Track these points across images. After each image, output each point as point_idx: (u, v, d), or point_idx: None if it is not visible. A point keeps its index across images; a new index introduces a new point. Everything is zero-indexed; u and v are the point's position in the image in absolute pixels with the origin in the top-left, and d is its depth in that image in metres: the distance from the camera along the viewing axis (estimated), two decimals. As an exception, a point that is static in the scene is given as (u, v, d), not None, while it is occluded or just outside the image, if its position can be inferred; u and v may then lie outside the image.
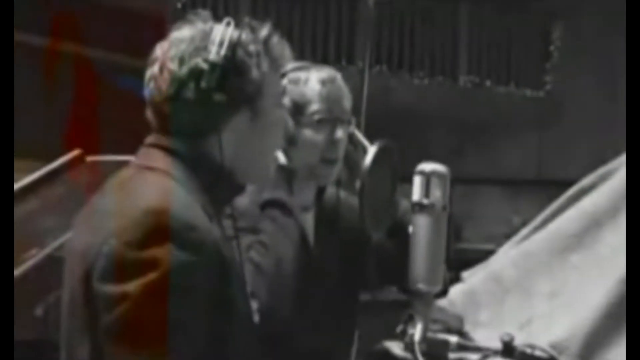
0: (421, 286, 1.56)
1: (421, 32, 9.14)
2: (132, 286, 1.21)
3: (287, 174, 1.86)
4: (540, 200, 3.98)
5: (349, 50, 8.49)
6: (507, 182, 8.93)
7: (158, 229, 1.24)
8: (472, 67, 9.37)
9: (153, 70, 1.38)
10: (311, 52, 8.38)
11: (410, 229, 1.60)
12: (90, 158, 3.30)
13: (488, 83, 9.40)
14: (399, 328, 1.72)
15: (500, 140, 9.36)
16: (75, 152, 3.30)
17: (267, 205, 1.83)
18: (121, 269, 1.23)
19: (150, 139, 1.41)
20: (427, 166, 1.60)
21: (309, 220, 1.95)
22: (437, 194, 1.58)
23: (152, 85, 1.38)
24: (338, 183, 1.97)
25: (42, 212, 3.14)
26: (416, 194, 1.59)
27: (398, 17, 9.03)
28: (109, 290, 1.24)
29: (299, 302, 1.82)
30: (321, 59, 8.21)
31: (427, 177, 1.59)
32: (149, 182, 1.33)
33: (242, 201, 1.85)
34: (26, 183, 3.12)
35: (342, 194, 2.00)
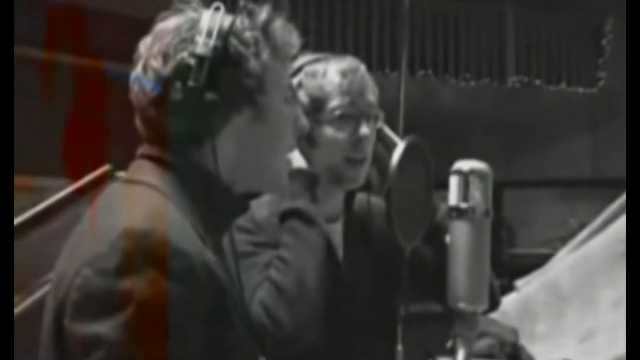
0: (462, 305, 1.33)
1: (466, 34, 8.96)
2: (106, 326, 1.02)
3: (309, 180, 1.66)
4: (599, 201, 3.81)
5: (392, 57, 8.31)
6: (562, 184, 8.68)
7: (137, 253, 1.04)
8: (521, 67, 9.17)
9: (137, 70, 1.20)
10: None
11: (448, 238, 1.38)
12: (119, 173, 3.16)
13: (538, 82, 9.18)
14: (449, 344, 1.52)
15: (553, 140, 9.12)
16: (105, 168, 3.16)
17: (287, 215, 1.63)
18: (94, 304, 1.04)
19: (140, 149, 1.22)
20: (464, 164, 1.38)
21: (337, 230, 1.75)
22: (477, 196, 1.35)
23: (136, 87, 1.20)
24: (368, 187, 1.76)
25: (60, 235, 3.02)
26: (453, 197, 1.36)
27: (442, 20, 8.86)
28: (80, 331, 1.04)
29: (328, 323, 1.62)
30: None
31: (465, 177, 1.36)
32: (131, 199, 1.14)
33: (261, 213, 1.67)
34: (50, 203, 3.01)
35: (374, 199, 1.79)
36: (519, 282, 3.31)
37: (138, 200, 1.13)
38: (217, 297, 1.11)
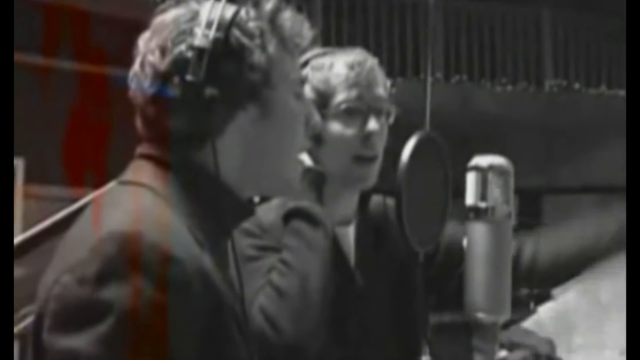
0: (481, 316, 1.20)
1: (502, 37, 8.82)
2: (84, 340, 0.92)
3: (315, 179, 1.55)
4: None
5: (427, 62, 8.19)
6: (602, 190, 8.48)
7: (121, 259, 0.95)
8: (559, 70, 8.98)
9: (135, 67, 1.12)
10: (388, 64, 8.13)
11: (465, 241, 1.25)
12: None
13: (577, 86, 8.97)
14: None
15: (593, 145, 8.91)
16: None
17: (290, 216, 1.53)
18: (72, 315, 0.94)
19: (139, 148, 1.14)
20: (482, 160, 1.25)
21: (349, 234, 1.64)
22: (497, 194, 1.22)
23: (134, 84, 1.12)
24: (385, 188, 1.64)
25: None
26: (470, 195, 1.24)
27: (477, 23, 8.74)
28: (57, 345, 0.94)
29: (339, 334, 1.51)
30: (399, 72, 8.02)
31: (484, 173, 1.23)
32: (120, 199, 1.05)
33: (269, 217, 1.57)
34: (62, 216, 2.98)
35: (391, 201, 1.67)
36: (556, 291, 3.16)
37: (129, 202, 1.04)
38: (213, 307, 1.01)
